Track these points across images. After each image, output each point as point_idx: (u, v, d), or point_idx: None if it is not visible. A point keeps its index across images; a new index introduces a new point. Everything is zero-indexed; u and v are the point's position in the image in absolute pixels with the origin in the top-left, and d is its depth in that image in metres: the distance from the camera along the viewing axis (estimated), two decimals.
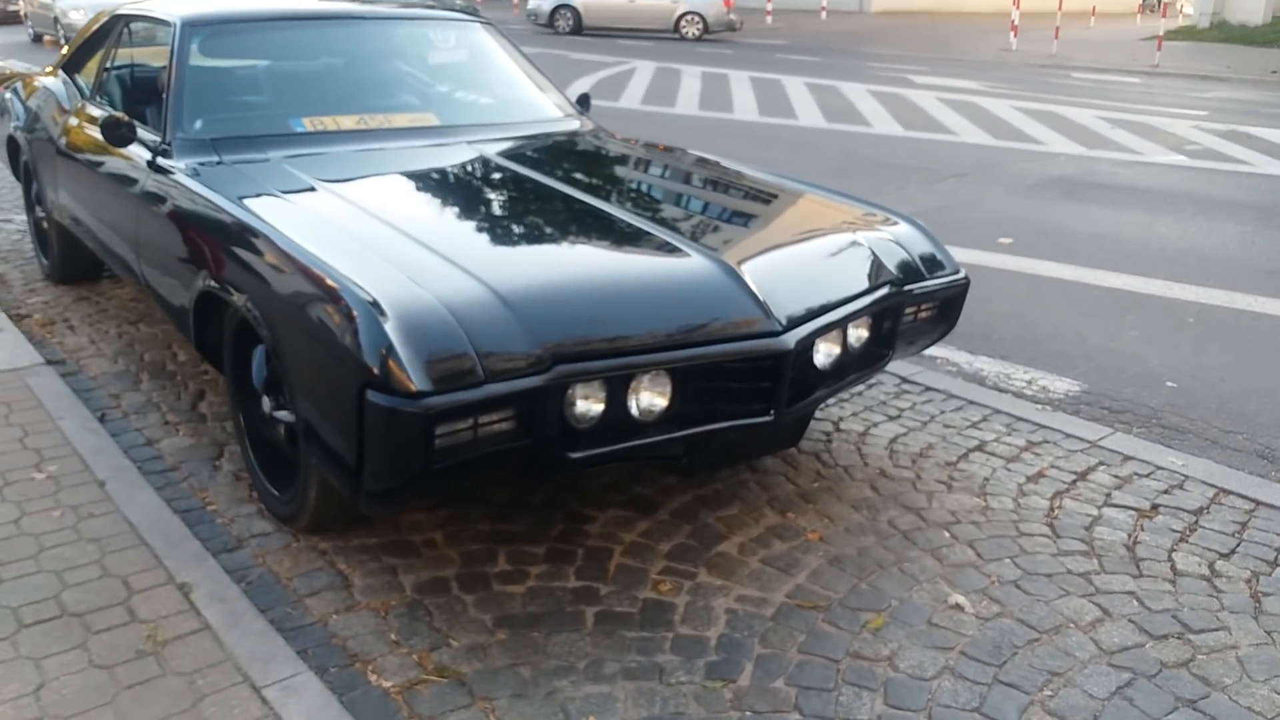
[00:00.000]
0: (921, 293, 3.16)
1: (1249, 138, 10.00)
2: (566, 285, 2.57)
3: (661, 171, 3.82)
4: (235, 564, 2.81)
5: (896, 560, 2.90)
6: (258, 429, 3.09)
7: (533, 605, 2.67)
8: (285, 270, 2.62)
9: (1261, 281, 5.59)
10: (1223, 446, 3.73)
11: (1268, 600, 2.74)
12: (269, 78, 3.92)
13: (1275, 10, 21.95)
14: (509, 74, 4.42)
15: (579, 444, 2.46)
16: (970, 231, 6.57)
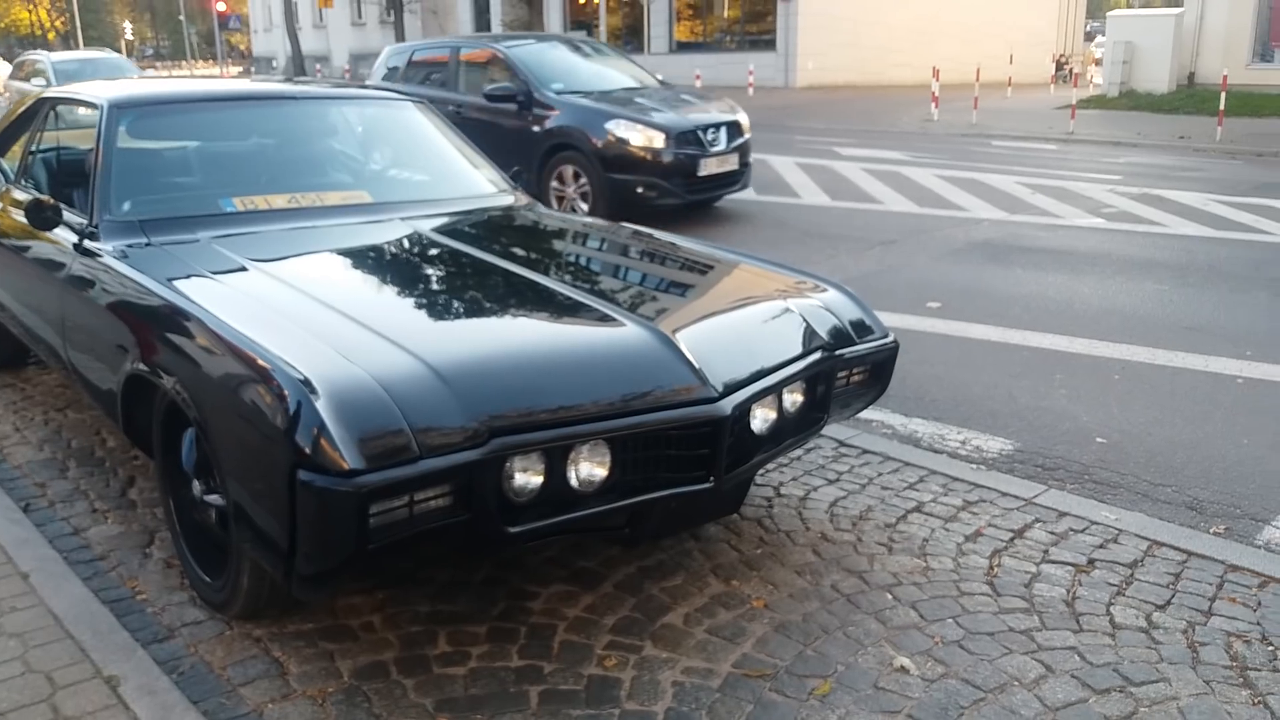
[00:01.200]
0: (853, 357, 3.21)
1: (1161, 200, 10.38)
2: (502, 358, 2.56)
3: (596, 244, 3.85)
4: (166, 654, 2.72)
5: (841, 625, 2.90)
6: (188, 514, 3.01)
7: (475, 687, 2.61)
8: (215, 351, 2.58)
9: (1180, 337, 5.77)
10: (1153, 500, 3.80)
11: (1204, 650, 2.78)
12: (198, 158, 3.90)
13: (1179, 79, 23.00)
14: (442, 151, 4.45)
15: (518, 518, 2.44)
16: (900, 296, 6.70)
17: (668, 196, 8.89)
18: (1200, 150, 14.93)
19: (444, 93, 10.09)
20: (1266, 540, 3.48)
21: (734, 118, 9.61)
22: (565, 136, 9.14)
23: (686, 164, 8.92)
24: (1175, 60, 22.84)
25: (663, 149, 8.79)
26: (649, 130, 8.84)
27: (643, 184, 8.81)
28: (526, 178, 8.79)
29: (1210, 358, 5.39)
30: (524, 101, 9.41)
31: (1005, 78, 27.32)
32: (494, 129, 9.45)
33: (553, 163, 9.24)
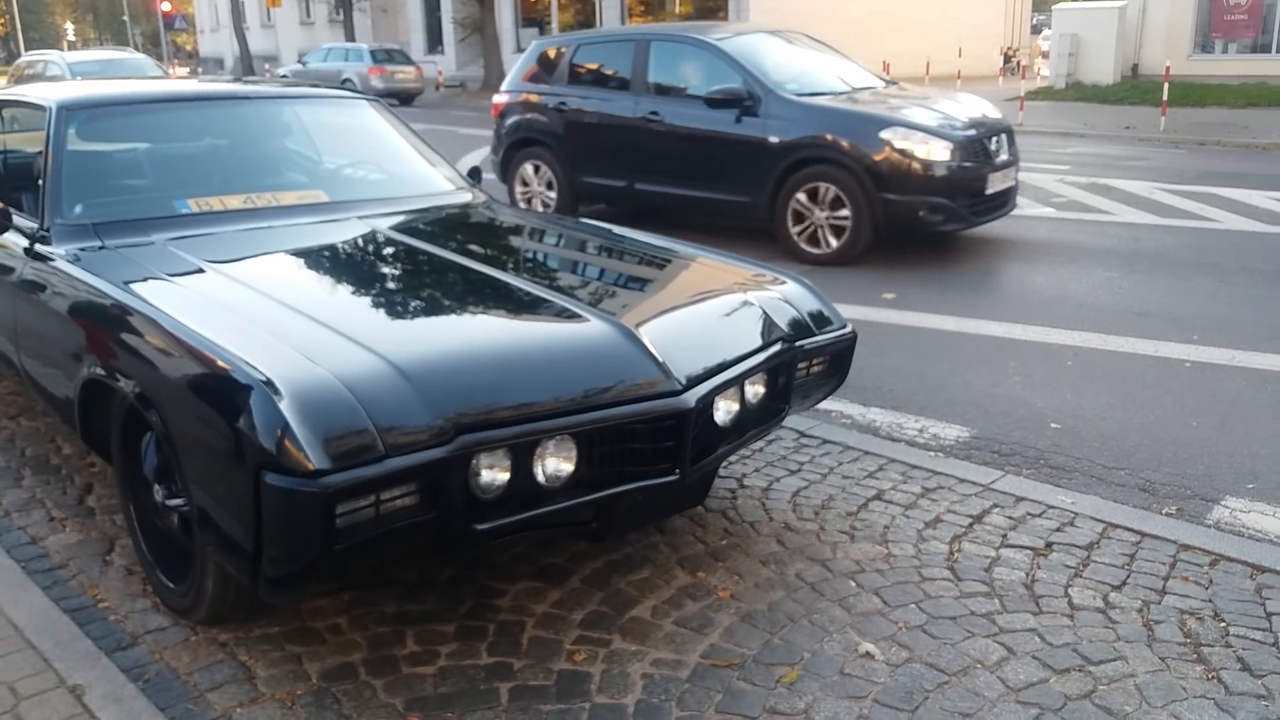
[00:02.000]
0: (812, 348, 3.24)
1: (1109, 189, 10.57)
2: (466, 355, 2.56)
3: (556, 240, 3.86)
4: (131, 662, 2.69)
5: (806, 612, 2.94)
6: (150, 520, 2.98)
7: (444, 685, 2.61)
8: (174, 354, 2.56)
9: (1130, 323, 5.88)
10: (1108, 483, 3.88)
11: (1160, 627, 2.85)
12: (151, 160, 3.85)
13: (1123, 71, 23.40)
14: (398, 149, 4.43)
15: (485, 515, 2.44)
16: (856, 288, 6.77)
17: (953, 220, 7.31)
18: (1145, 140, 15.21)
19: (625, 97, 8.51)
20: (1216, 519, 3.57)
21: (1006, 122, 8.11)
22: (816, 149, 7.42)
23: (973, 180, 7.33)
24: (1119, 52, 23.24)
25: (948, 161, 7.17)
26: (933, 139, 7.20)
27: (925, 206, 7.17)
28: (752, 199, 7.73)
29: (1159, 342, 5.51)
30: (749, 106, 7.69)
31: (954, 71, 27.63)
32: (703, 143, 7.95)
33: (794, 182, 7.53)
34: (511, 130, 9.42)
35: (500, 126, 9.60)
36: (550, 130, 9.04)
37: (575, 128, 8.85)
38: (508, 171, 9.52)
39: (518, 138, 9.34)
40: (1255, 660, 2.69)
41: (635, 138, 8.42)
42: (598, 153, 8.73)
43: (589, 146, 8.78)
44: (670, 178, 8.28)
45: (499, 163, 9.61)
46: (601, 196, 8.96)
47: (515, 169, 9.40)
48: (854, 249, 7.41)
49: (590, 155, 8.79)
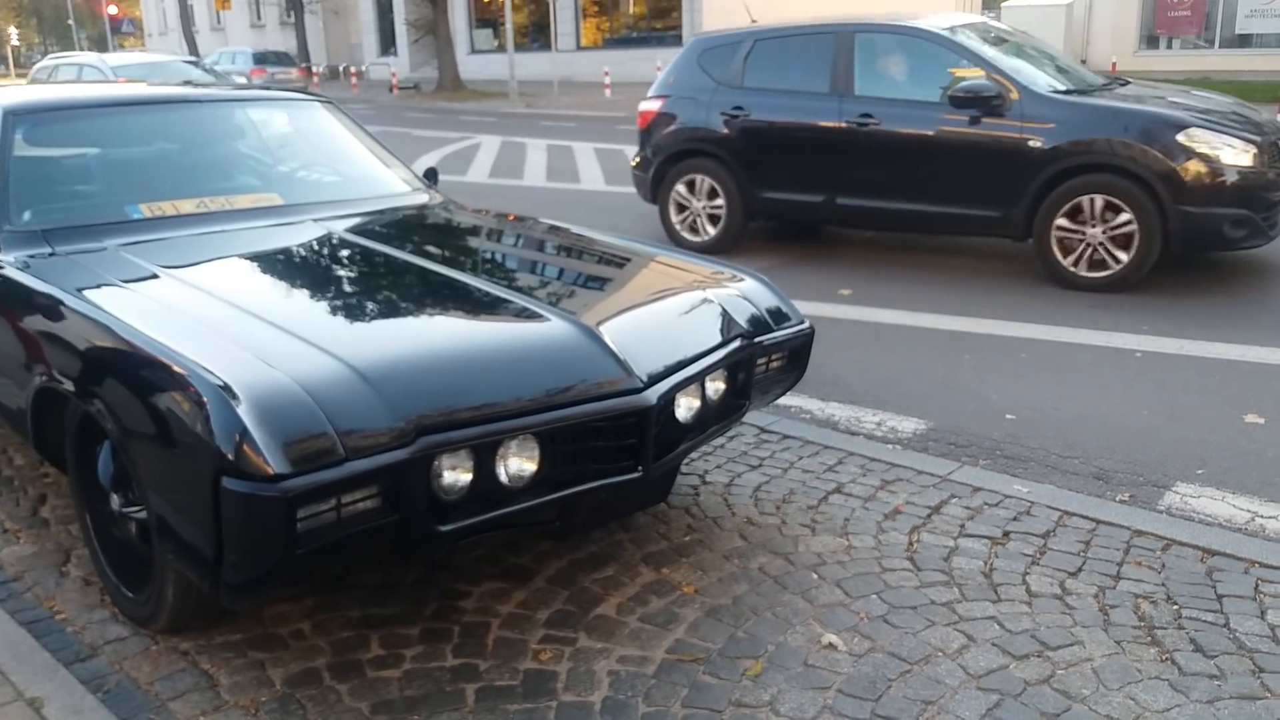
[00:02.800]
0: (771, 344, 3.27)
1: None
2: (426, 356, 2.56)
3: (514, 240, 3.86)
4: (90, 673, 2.66)
5: (769, 605, 2.96)
6: (107, 529, 2.94)
7: (410, 688, 2.61)
8: (130, 361, 2.53)
9: (1082, 315, 5.98)
10: (1062, 471, 3.95)
11: (1115, 612, 2.91)
12: (101, 165, 3.80)
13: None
14: (353, 151, 4.40)
15: (448, 516, 2.44)
16: (812, 285, 6.83)
17: (1255, 236, 6.32)
18: None
19: (826, 99, 7.33)
20: (1168, 505, 3.64)
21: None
22: (1092, 154, 6.36)
23: (1272, 188, 6.34)
24: (1067, 48, 23.58)
25: (1251, 167, 6.19)
26: (1236, 142, 6.21)
27: (1229, 219, 6.19)
28: (1001, 214, 6.58)
29: (1110, 334, 5.61)
30: (996, 106, 6.62)
31: None
32: (936, 150, 6.88)
33: (1061, 193, 6.47)
34: (667, 141, 8.02)
35: (651, 138, 8.18)
36: (721, 140, 7.71)
37: (755, 136, 7.55)
38: (659, 189, 8.18)
39: (676, 149, 7.97)
40: (1207, 641, 2.76)
41: (840, 146, 7.20)
42: (786, 164, 7.46)
43: (774, 157, 7.50)
44: (887, 191, 7.10)
45: (648, 179, 8.22)
46: (788, 214, 7.73)
47: (670, 185, 8.09)
48: (1139, 270, 6.38)
49: (776, 167, 7.50)
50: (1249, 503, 3.65)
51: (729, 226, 7.82)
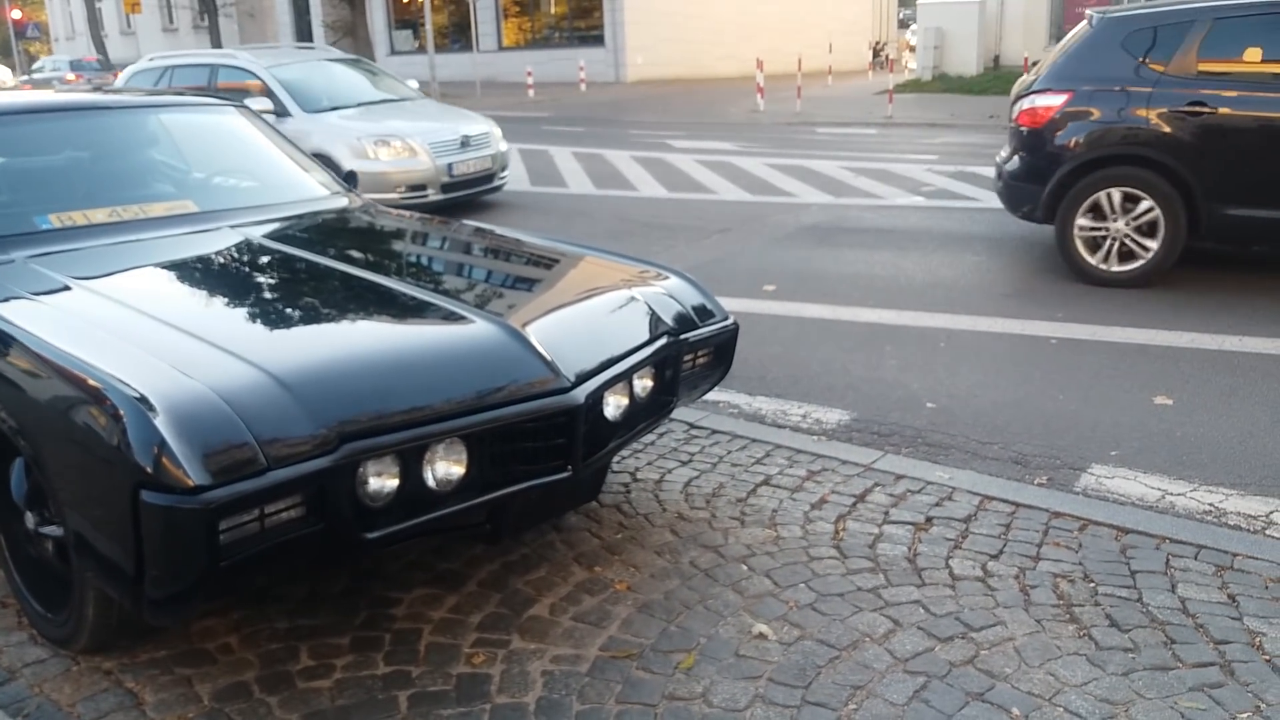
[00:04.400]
0: (697, 340, 3.30)
1: (975, 176, 10.98)
2: (348, 362, 2.54)
3: (438, 243, 3.84)
4: (9, 697, 2.59)
5: (701, 599, 2.99)
6: (21, 548, 2.86)
7: (341, 698, 2.58)
8: (41, 375, 2.47)
9: (998, 304, 6.14)
10: (982, 457, 4.05)
11: (1035, 592, 3.00)
12: (7, 175, 3.68)
13: (986, 62, 24.32)
14: (269, 155, 4.33)
15: (375, 523, 2.42)
16: (737, 281, 6.90)
17: None
18: (1008, 128, 15.81)
19: None
20: (1084, 486, 3.76)
21: None
22: None
23: None
24: (982, 44, 24.14)
25: None
26: None
27: None
28: None
29: (1026, 322, 5.76)
30: None
31: (825, 66, 28.27)
32: None
33: None
34: (1080, 146, 6.51)
35: (1047, 141, 6.68)
36: (1166, 142, 6.24)
37: (1223, 137, 6.11)
38: (1059, 204, 6.65)
39: (1094, 155, 6.47)
40: (1122, 616, 2.86)
41: None
42: (1271, 173, 6.03)
43: (1256, 165, 6.05)
44: None
45: (1040, 193, 6.71)
46: (1269, 236, 6.21)
47: (1080, 201, 6.55)
48: None
49: (1257, 179, 6.07)
50: (1160, 481, 3.79)
51: (1167, 251, 6.36)
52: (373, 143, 9.42)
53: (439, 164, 9.54)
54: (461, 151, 9.82)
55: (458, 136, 9.84)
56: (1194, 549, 3.19)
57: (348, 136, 9.49)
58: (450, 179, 9.67)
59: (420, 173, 9.45)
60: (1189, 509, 3.57)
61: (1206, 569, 3.08)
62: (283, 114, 9.84)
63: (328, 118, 9.86)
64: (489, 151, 10.15)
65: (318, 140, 9.47)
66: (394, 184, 9.32)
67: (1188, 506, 3.58)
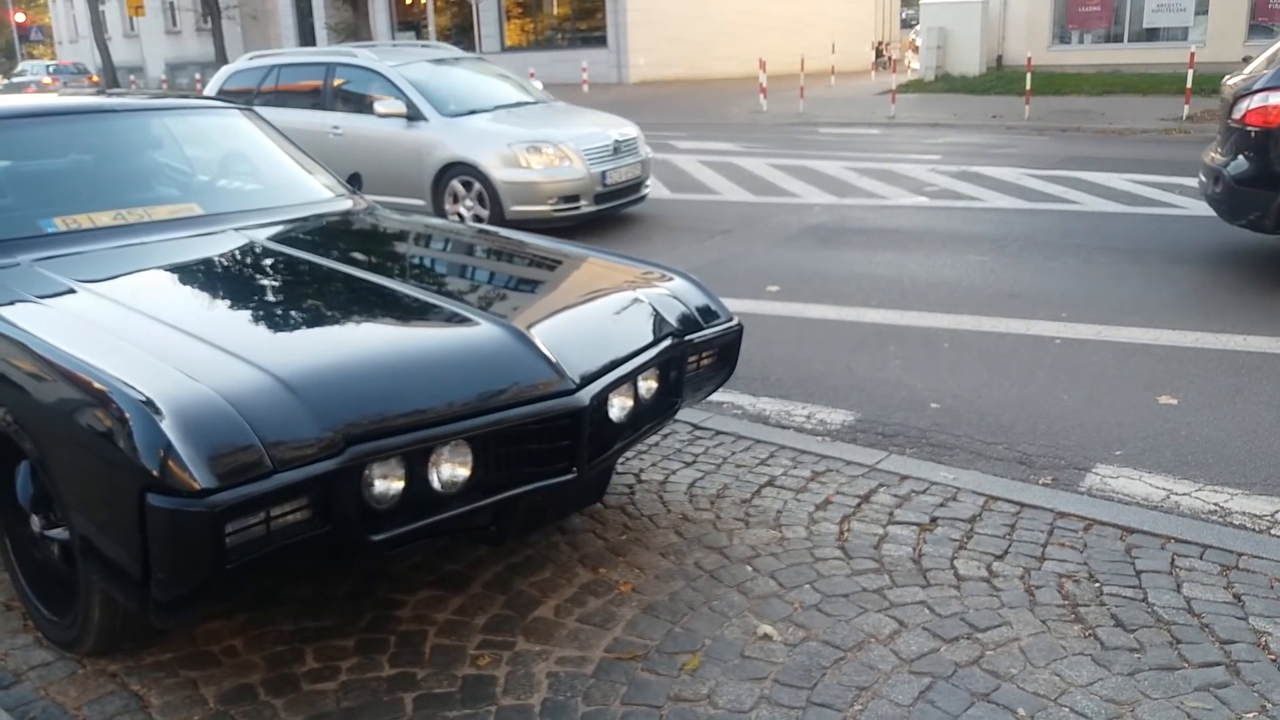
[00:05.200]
0: (701, 341, 3.31)
1: (979, 176, 10.98)
2: (354, 364, 2.54)
3: (442, 245, 3.84)
4: (15, 700, 2.59)
5: (706, 600, 2.99)
6: (27, 551, 2.87)
7: (347, 700, 2.59)
8: (48, 378, 2.47)
9: (1002, 304, 6.13)
10: (987, 457, 4.05)
11: (1040, 592, 2.99)
12: (13, 178, 3.69)
13: (989, 63, 24.30)
14: (273, 158, 4.34)
15: (381, 525, 2.42)
16: (741, 282, 6.90)
17: None
18: (1011, 128, 15.84)
19: None
20: (1089, 486, 3.76)
21: None
22: None
23: None
24: (984, 44, 24.11)
25: None
26: None
27: None
28: None
29: (1030, 321, 5.76)
30: None
31: (828, 66, 28.24)
32: None
33: None
34: None
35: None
36: None
37: None
38: None
39: None
40: (1127, 616, 2.85)
41: None
42: None
43: None
44: None
45: (1273, 200, 5.95)
46: None
47: None
48: None
49: None
50: (1164, 481, 3.78)
51: None
52: (525, 149, 8.42)
53: (593, 172, 8.57)
54: (615, 158, 8.85)
55: (610, 141, 8.85)
56: (1199, 549, 3.19)
57: (497, 143, 8.52)
58: (604, 188, 8.70)
59: (575, 182, 8.49)
60: (1194, 509, 3.56)
61: (1212, 569, 3.08)
62: (415, 118, 8.87)
63: (470, 122, 8.85)
64: (638, 158, 9.20)
65: (458, 147, 8.60)
66: (545, 195, 8.40)
67: (1193, 506, 3.58)
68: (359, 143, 9.07)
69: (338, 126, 9.27)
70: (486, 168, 8.42)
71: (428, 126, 8.81)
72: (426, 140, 8.75)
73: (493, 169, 8.40)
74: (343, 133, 9.23)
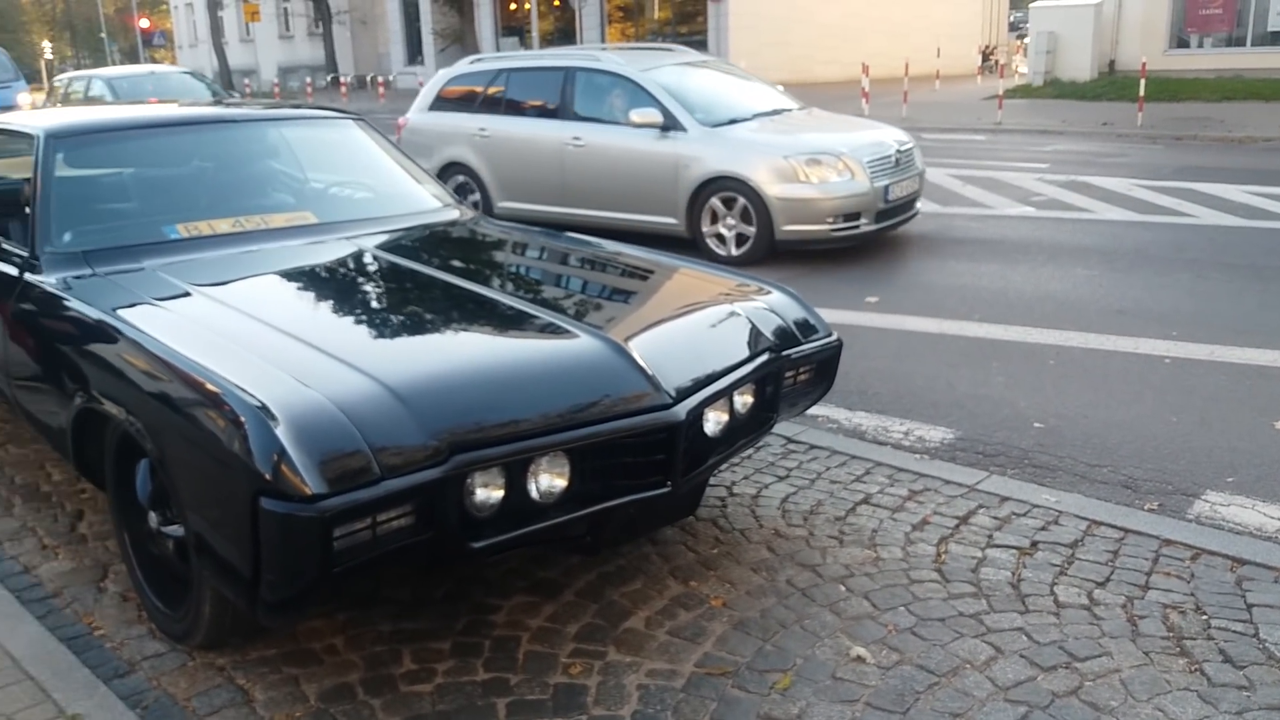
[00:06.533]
0: (799, 357, 3.29)
1: (1088, 186, 10.67)
2: (458, 374, 2.60)
3: (541, 255, 3.90)
4: (129, 689, 2.71)
5: (798, 618, 2.98)
6: (144, 546, 3.00)
7: (442, 703, 2.65)
8: (168, 381, 2.59)
9: (1111, 321, 5.96)
10: (1091, 480, 3.94)
11: (1143, 623, 2.91)
12: (138, 186, 3.87)
13: (1100, 68, 23.59)
14: (384, 167, 4.46)
15: (481, 533, 2.48)
16: (838, 293, 6.83)
17: None
18: (1123, 136, 15.35)
19: None
20: (1197, 514, 3.63)
21: None
22: None
23: None
24: (1096, 49, 23.42)
25: None
26: None
27: None
28: None
29: (1139, 339, 5.58)
30: None
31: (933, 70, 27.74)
32: None
33: None
34: None
35: None
36: None
37: None
38: None
39: None
40: (1236, 652, 2.75)
41: None
42: None
43: None
44: None
45: None
46: None
47: None
48: None
49: None
50: (1279, 511, 3.64)
51: None
52: (804, 161, 7.52)
53: (876, 186, 7.65)
54: (896, 171, 7.92)
55: (892, 151, 7.93)
56: None
57: (770, 155, 7.62)
58: (885, 204, 7.79)
59: (858, 198, 7.57)
60: None
61: None
62: (672, 128, 7.98)
63: (733, 132, 7.97)
64: (916, 170, 8.29)
65: (722, 160, 7.75)
66: (824, 213, 7.51)
67: None
68: (602, 156, 8.35)
69: (579, 138, 8.45)
70: (758, 182, 7.57)
71: (685, 137, 7.93)
72: (684, 153, 7.89)
73: (765, 184, 7.55)
74: (584, 144, 8.42)
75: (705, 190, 7.87)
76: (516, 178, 8.94)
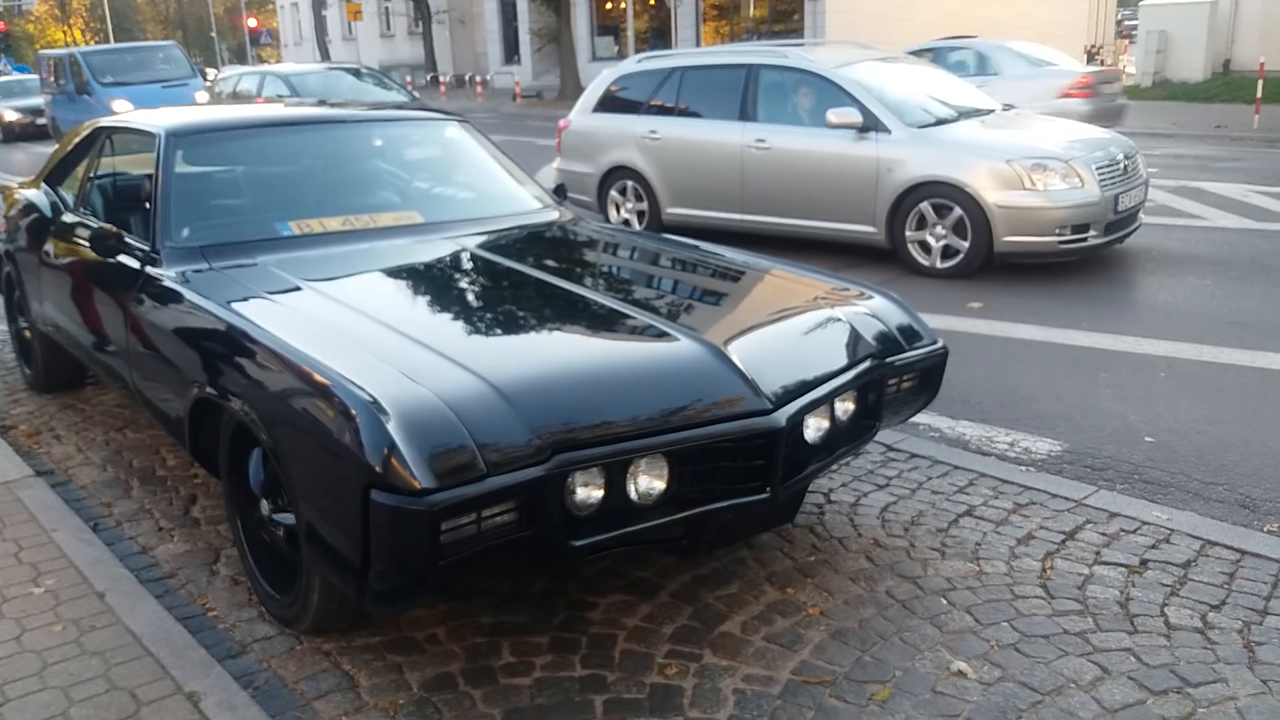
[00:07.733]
0: (903, 364, 3.24)
1: (1200, 192, 10.29)
2: (560, 374, 2.63)
3: (641, 256, 3.91)
4: (241, 670, 2.81)
5: (897, 630, 2.94)
6: (256, 533, 3.09)
7: (541, 697, 2.68)
8: (282, 374, 2.67)
9: (1225, 332, 5.73)
10: (1205, 498, 3.80)
11: (1261, 649, 2.79)
12: (253, 184, 4.00)
13: (1214, 67, 22.74)
14: (487, 168, 4.53)
15: (580, 531, 2.50)
16: (940, 298, 6.71)
17: None
18: (1237, 139, 14.77)
19: None
20: None
21: None
22: None
23: None
24: (1210, 48, 22.59)
25: None
26: None
27: None
28: None
29: (1257, 353, 5.36)
30: None
31: None
32: None
33: None
34: None
35: None
36: None
37: None
38: None
39: None
40: None
41: None
42: None
43: None
44: None
45: None
46: None
47: None
48: None
49: None
50: None
51: None
52: (1030, 166, 6.88)
53: (1106, 195, 6.98)
54: (1124, 179, 7.23)
55: (1120, 158, 7.28)
56: None
57: (991, 158, 7.02)
58: (1115, 215, 7.11)
59: (1088, 208, 6.89)
60: None
61: None
62: (873, 128, 7.42)
63: (944, 133, 7.41)
64: (1142, 178, 7.58)
65: (933, 164, 7.18)
66: (1052, 224, 6.87)
67: None
68: (790, 159, 7.82)
69: (763, 140, 7.93)
70: (976, 188, 6.96)
71: (888, 139, 7.36)
72: (887, 156, 7.32)
73: (985, 190, 6.95)
74: (769, 147, 7.90)
75: (911, 196, 7.30)
76: (689, 183, 8.45)
